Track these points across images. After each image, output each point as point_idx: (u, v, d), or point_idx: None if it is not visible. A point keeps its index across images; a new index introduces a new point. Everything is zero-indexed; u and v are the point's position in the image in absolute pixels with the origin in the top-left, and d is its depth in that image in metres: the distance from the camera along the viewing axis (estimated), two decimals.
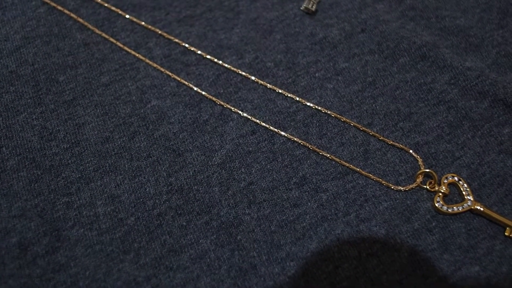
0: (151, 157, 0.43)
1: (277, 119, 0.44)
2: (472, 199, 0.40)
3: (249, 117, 0.44)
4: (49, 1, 0.48)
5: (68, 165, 0.42)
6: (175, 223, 0.40)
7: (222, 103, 0.45)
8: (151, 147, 0.43)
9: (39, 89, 0.45)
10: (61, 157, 0.42)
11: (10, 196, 0.41)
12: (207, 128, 0.44)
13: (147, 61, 0.46)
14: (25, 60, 0.46)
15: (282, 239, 0.40)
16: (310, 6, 0.48)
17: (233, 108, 0.44)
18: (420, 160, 0.42)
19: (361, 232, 0.40)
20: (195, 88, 0.45)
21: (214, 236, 0.40)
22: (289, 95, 0.45)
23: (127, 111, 0.44)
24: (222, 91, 0.45)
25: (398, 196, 0.41)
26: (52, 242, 0.39)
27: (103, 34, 0.47)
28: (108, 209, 0.41)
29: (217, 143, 0.43)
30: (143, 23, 0.48)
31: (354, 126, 0.44)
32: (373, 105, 0.45)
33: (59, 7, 0.48)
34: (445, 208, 0.40)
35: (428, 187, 0.41)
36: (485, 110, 0.44)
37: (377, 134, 0.43)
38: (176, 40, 0.47)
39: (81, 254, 0.39)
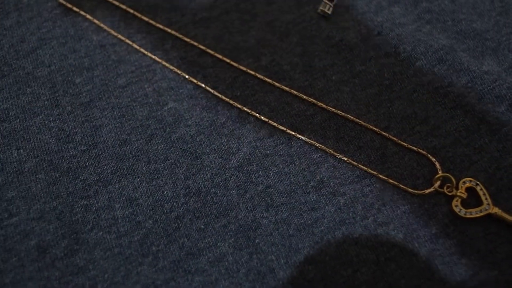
0: (168, 160, 0.43)
1: (294, 122, 0.44)
2: (490, 203, 0.40)
3: (266, 120, 0.44)
4: (65, 3, 0.48)
5: (86, 167, 0.42)
6: (193, 226, 0.40)
7: (239, 105, 0.45)
8: (169, 150, 0.43)
9: (56, 90, 0.45)
10: (79, 159, 0.42)
11: (29, 199, 0.41)
12: (224, 131, 0.44)
13: (164, 63, 0.46)
14: (42, 62, 0.46)
15: (300, 242, 0.40)
16: (326, 9, 0.48)
17: (250, 111, 0.44)
18: (437, 164, 0.42)
19: (379, 236, 0.40)
20: (212, 91, 0.45)
21: (232, 239, 0.40)
22: (306, 98, 0.45)
23: (144, 114, 0.44)
24: (239, 93, 0.45)
25: (415, 200, 0.41)
26: (71, 245, 0.39)
27: (119, 36, 0.47)
28: (126, 212, 0.41)
29: (234, 146, 0.43)
30: (159, 25, 0.48)
31: (371, 129, 0.44)
32: (390, 108, 0.45)
33: (75, 9, 0.48)
34: (463, 212, 0.40)
35: (445, 191, 0.41)
36: (502, 114, 0.44)
37: (394, 138, 0.43)
38: (193, 42, 0.47)
39: (99, 257, 0.39)
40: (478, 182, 0.41)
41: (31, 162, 0.42)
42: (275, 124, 0.44)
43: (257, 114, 0.44)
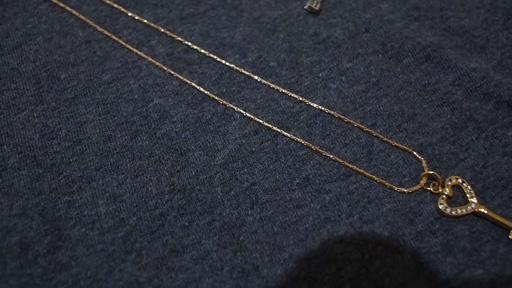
0: (153, 157, 0.42)
1: (280, 119, 0.44)
2: (476, 201, 0.40)
3: (252, 117, 0.44)
4: None
5: (70, 163, 0.42)
6: (177, 223, 0.40)
7: (225, 102, 0.44)
8: (153, 146, 0.43)
9: (41, 86, 0.45)
10: (63, 155, 0.42)
11: (11, 195, 0.40)
12: (209, 127, 0.43)
13: (150, 59, 0.46)
14: (26, 57, 0.46)
15: (284, 240, 0.39)
16: (314, 5, 0.48)
17: (236, 108, 0.44)
18: (424, 162, 0.42)
19: (364, 234, 0.40)
20: (198, 87, 0.45)
21: (217, 237, 0.40)
22: (292, 95, 0.45)
23: (129, 110, 0.44)
24: (225, 90, 0.45)
25: (401, 198, 0.41)
26: (53, 242, 0.39)
27: (105, 32, 0.47)
28: (110, 208, 0.40)
29: (220, 143, 0.43)
30: (145, 20, 0.48)
31: (357, 126, 0.43)
32: (377, 105, 0.44)
33: (61, 4, 0.48)
34: (448, 210, 0.40)
35: (431, 189, 0.41)
36: (489, 112, 0.43)
37: (380, 135, 0.43)
38: (179, 38, 0.47)
39: (82, 254, 0.39)
40: (464, 180, 0.41)
41: (15, 158, 0.42)
42: (261, 121, 0.44)
43: (242, 111, 0.44)
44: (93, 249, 0.39)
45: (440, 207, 0.40)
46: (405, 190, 0.41)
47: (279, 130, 0.43)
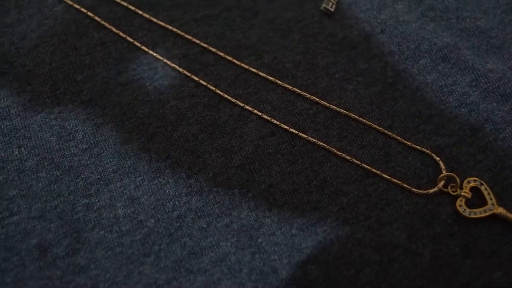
0: (170, 159, 0.42)
1: (296, 120, 0.44)
2: (495, 203, 0.40)
3: (268, 118, 0.44)
4: None
5: (87, 166, 0.42)
6: (195, 225, 0.40)
7: (241, 104, 0.44)
8: (170, 148, 0.43)
9: (57, 88, 0.45)
10: (80, 157, 0.42)
11: (30, 197, 0.41)
12: (226, 129, 0.43)
13: (165, 60, 0.46)
14: (42, 59, 0.46)
15: (303, 242, 0.39)
16: (329, 6, 0.48)
17: (252, 109, 0.44)
18: (441, 164, 0.42)
19: (382, 236, 0.39)
20: (214, 89, 0.45)
21: (235, 239, 0.40)
22: (308, 96, 0.45)
23: (145, 112, 0.44)
24: (241, 91, 0.45)
25: (419, 200, 0.41)
26: (72, 244, 0.39)
27: (121, 33, 0.47)
28: (128, 211, 0.40)
29: (237, 144, 0.43)
30: (160, 22, 0.48)
31: (374, 128, 0.43)
32: (394, 107, 0.44)
33: (76, 6, 0.48)
34: (467, 212, 0.40)
35: (450, 191, 0.41)
36: (507, 113, 0.43)
37: (398, 137, 0.43)
38: (194, 40, 0.47)
39: (101, 256, 0.39)
40: (482, 182, 0.41)
41: (32, 160, 0.42)
42: (277, 122, 0.44)
43: (259, 113, 0.44)
44: (111, 252, 0.39)
45: (459, 209, 0.40)
46: (423, 192, 0.41)
47: (296, 131, 0.43)
